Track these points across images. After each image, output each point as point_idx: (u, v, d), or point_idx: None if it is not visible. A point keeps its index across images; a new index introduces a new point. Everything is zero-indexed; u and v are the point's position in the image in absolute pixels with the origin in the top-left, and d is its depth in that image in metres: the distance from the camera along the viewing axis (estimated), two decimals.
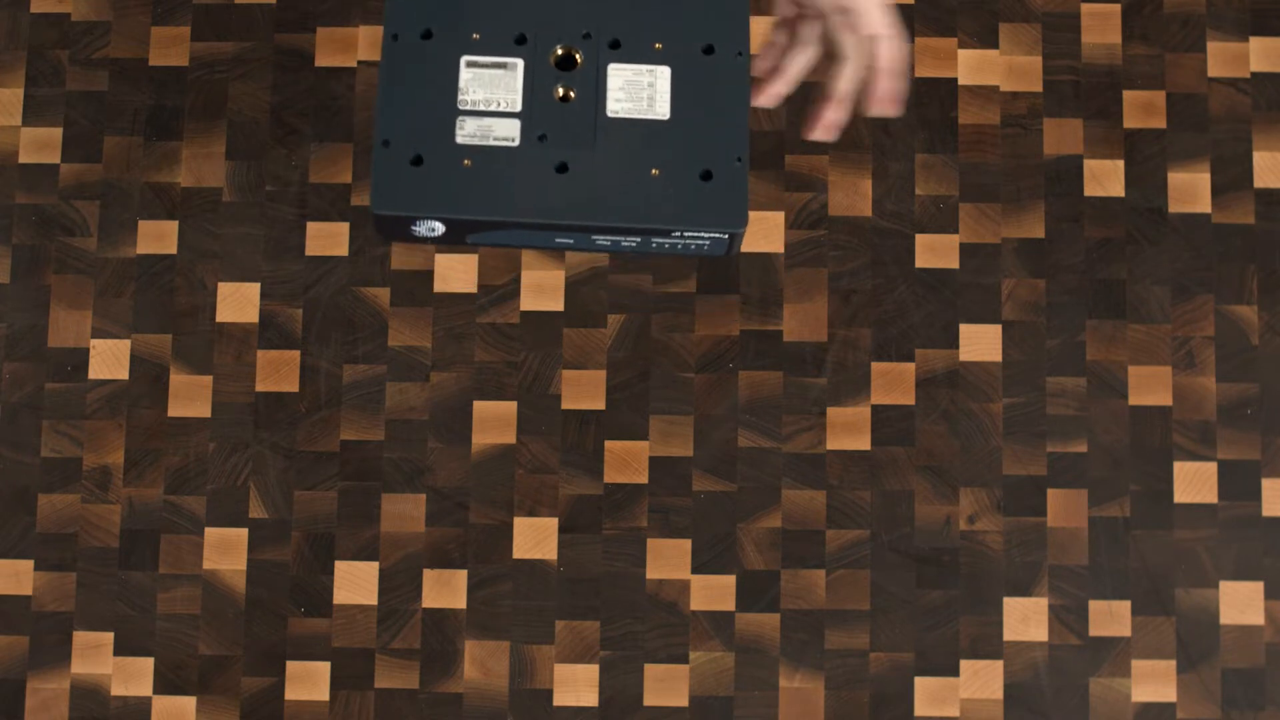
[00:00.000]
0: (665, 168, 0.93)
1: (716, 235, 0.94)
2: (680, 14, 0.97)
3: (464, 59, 0.95)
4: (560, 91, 0.95)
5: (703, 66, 0.96)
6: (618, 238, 0.94)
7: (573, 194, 0.93)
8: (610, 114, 0.95)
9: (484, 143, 0.94)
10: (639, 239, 0.95)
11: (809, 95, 1.32)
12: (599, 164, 0.93)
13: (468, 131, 0.94)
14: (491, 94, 0.95)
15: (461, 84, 0.95)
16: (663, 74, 0.96)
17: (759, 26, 1.33)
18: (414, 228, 0.94)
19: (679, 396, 1.28)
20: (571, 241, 0.96)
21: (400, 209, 0.92)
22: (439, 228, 0.95)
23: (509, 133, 0.94)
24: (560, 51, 0.95)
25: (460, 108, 0.94)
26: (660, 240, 0.94)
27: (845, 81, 0.92)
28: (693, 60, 0.96)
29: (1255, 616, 1.26)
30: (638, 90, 0.96)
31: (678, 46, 0.96)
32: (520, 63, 0.95)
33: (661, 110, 0.95)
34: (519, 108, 0.95)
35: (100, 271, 1.30)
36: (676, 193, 0.93)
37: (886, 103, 0.92)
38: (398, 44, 0.95)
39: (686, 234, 0.94)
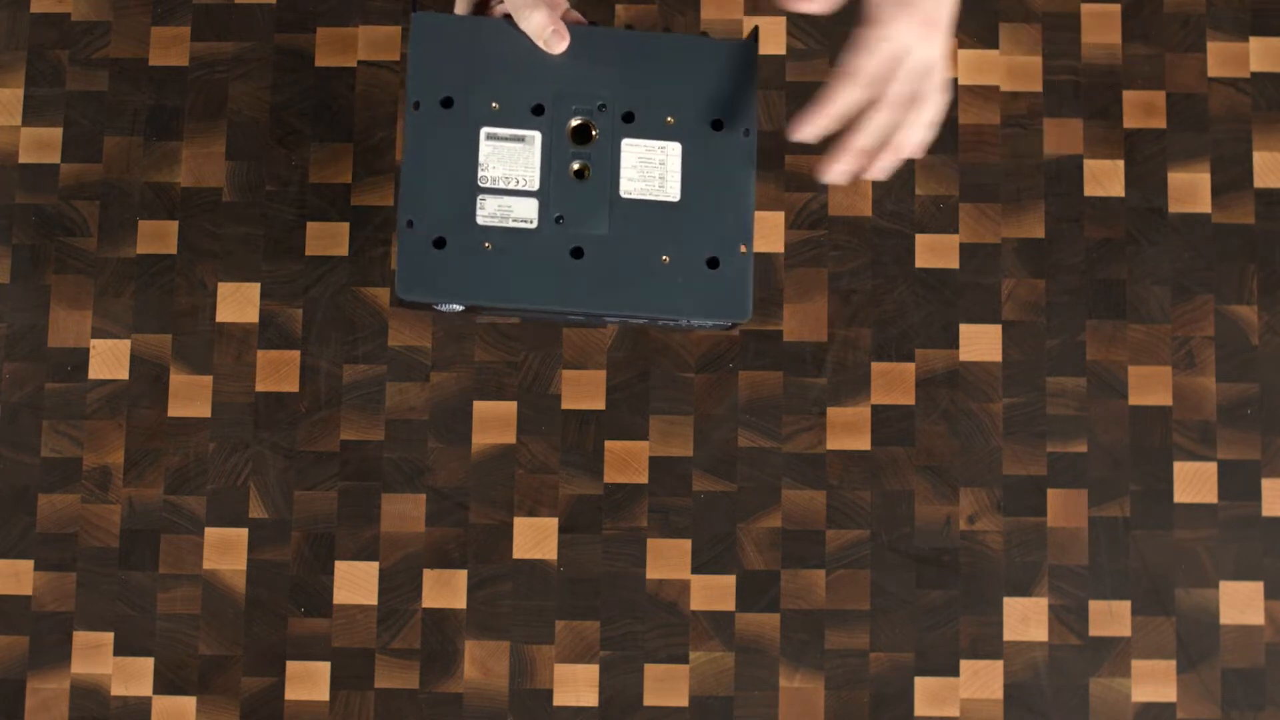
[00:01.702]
0: (675, 254, 0.97)
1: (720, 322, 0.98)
2: (691, 88, 0.99)
3: (484, 131, 0.97)
4: (576, 167, 0.98)
5: (712, 143, 0.99)
6: (626, 318, 0.98)
7: (587, 281, 0.97)
8: (624, 194, 0.98)
9: (503, 224, 0.97)
10: (646, 319, 0.99)
11: (807, 94, 1.32)
12: (612, 249, 0.97)
13: (488, 212, 0.97)
14: (510, 170, 0.98)
15: (481, 159, 0.98)
16: (674, 151, 0.99)
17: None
18: (436, 305, 0.98)
19: (679, 396, 1.28)
20: (582, 319, 1.01)
21: (424, 296, 0.96)
22: (459, 305, 0.99)
23: (527, 214, 0.97)
24: (576, 123, 0.98)
25: (480, 185, 0.97)
26: (667, 321, 0.98)
27: (876, 135, 0.92)
28: (702, 136, 0.99)
29: (1255, 616, 1.26)
30: (650, 169, 0.99)
31: (689, 121, 0.99)
32: (538, 135, 0.98)
33: (672, 191, 0.98)
34: (537, 185, 0.98)
35: (100, 271, 1.30)
36: (685, 281, 0.97)
37: (918, 150, 0.93)
38: (419, 113, 0.97)
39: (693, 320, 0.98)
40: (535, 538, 1.27)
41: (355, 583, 1.27)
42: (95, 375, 1.29)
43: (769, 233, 1.30)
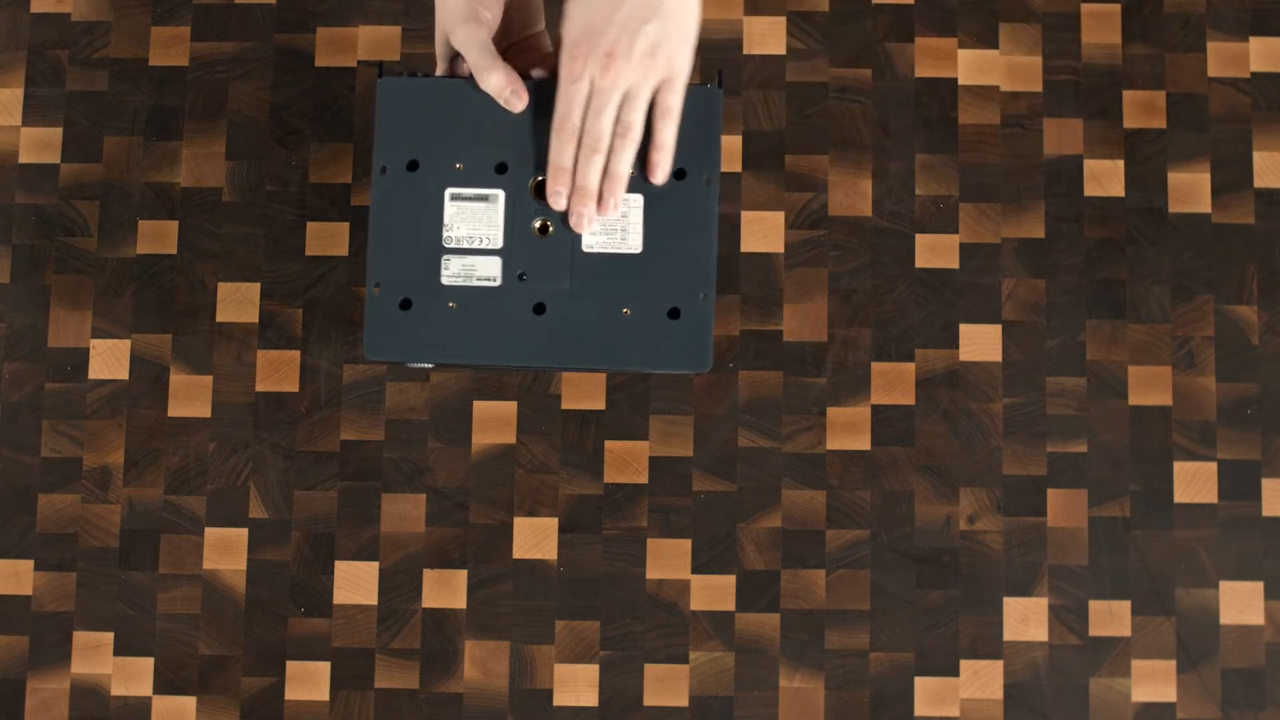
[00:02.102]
0: (636, 306, 0.99)
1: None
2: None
3: (448, 191, 0.99)
4: (538, 224, 0.99)
5: (674, 193, 1.00)
6: (588, 369, 1.00)
7: (550, 336, 0.99)
8: (585, 249, 0.99)
9: (468, 283, 0.99)
10: (608, 370, 1.01)
11: (807, 94, 1.32)
12: (574, 304, 0.99)
13: (453, 272, 0.99)
14: (474, 230, 1.00)
15: (446, 219, 1.00)
16: (635, 203, 1.00)
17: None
18: (406, 364, 1.00)
19: (679, 396, 1.28)
20: (542, 369, 1.03)
21: (391, 357, 0.99)
22: (428, 365, 1.01)
23: (491, 272, 0.99)
24: (538, 180, 0.99)
25: (445, 245, 0.99)
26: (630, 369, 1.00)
27: (594, 172, 0.98)
28: (664, 186, 0.99)
29: (1255, 616, 1.26)
30: (611, 222, 1.00)
31: None
32: (501, 194, 1.00)
33: (634, 243, 0.99)
34: (500, 244, 0.99)
35: (100, 271, 1.30)
36: (646, 333, 0.99)
37: (660, 176, 0.98)
38: (385, 177, 0.99)
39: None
40: (535, 538, 1.27)
41: (355, 583, 1.27)
42: (95, 375, 1.29)
43: (769, 233, 1.30)
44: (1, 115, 1.32)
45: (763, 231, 1.30)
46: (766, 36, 1.32)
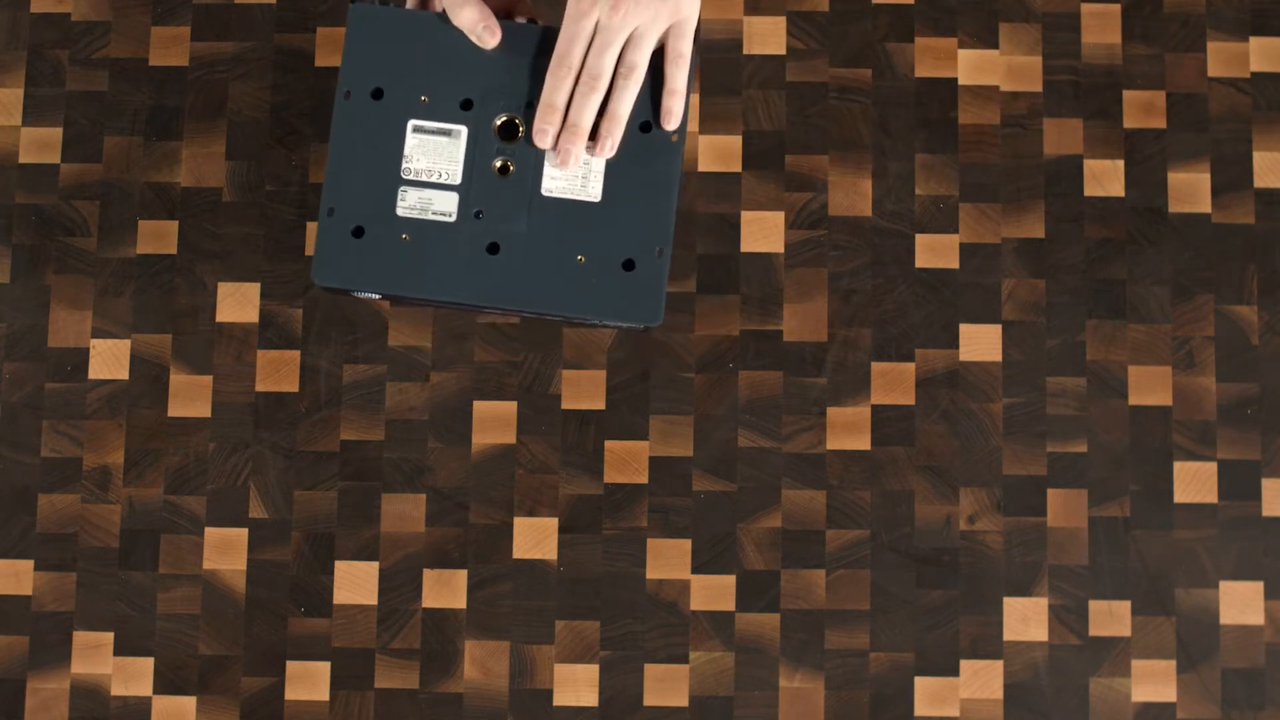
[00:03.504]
0: (590, 254, 0.97)
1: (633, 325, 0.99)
2: None
3: (411, 123, 0.98)
4: (499, 164, 0.98)
5: (639, 144, 0.98)
6: (540, 315, 0.99)
7: (501, 277, 0.97)
8: (544, 192, 0.98)
9: (422, 216, 0.98)
10: (559, 318, 0.99)
11: (807, 94, 1.32)
12: (528, 247, 0.97)
13: (408, 204, 0.98)
14: (434, 164, 0.99)
15: (406, 151, 0.98)
16: None
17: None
18: (353, 291, 0.99)
19: (679, 396, 1.28)
20: (499, 313, 1.01)
21: (338, 282, 0.97)
22: (375, 294, 1.00)
23: (447, 207, 0.98)
24: (503, 120, 0.98)
25: (403, 177, 0.98)
26: (578, 320, 0.99)
27: (589, 111, 0.96)
28: (629, 138, 0.98)
29: (1255, 616, 1.26)
30: (571, 169, 0.98)
31: None
32: (464, 130, 0.98)
33: (594, 191, 0.98)
34: (459, 180, 0.98)
35: (100, 271, 1.30)
36: (598, 283, 0.97)
37: (671, 120, 0.96)
38: (349, 103, 0.98)
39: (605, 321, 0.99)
40: (535, 538, 1.27)
41: (355, 583, 1.27)
42: (95, 375, 1.29)
43: (769, 233, 1.30)
44: (1, 115, 1.32)
45: (763, 231, 1.30)
46: (766, 36, 1.32)
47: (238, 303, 1.30)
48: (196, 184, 1.32)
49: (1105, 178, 1.31)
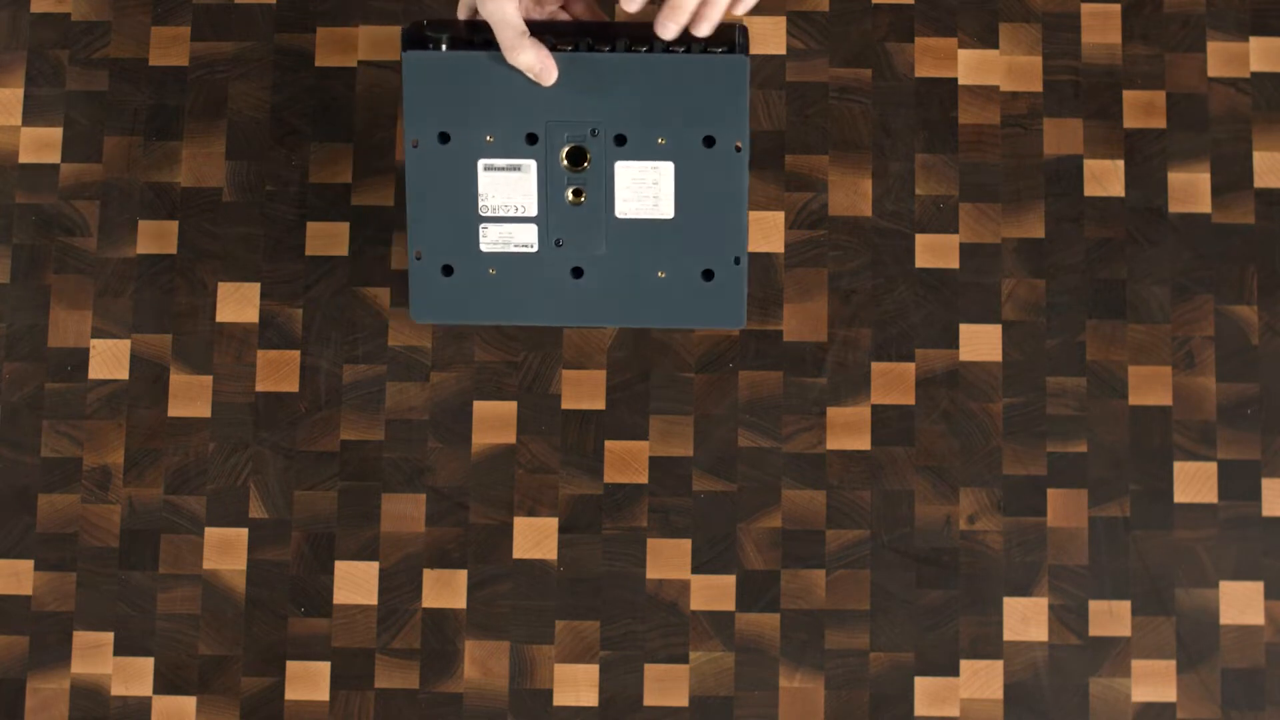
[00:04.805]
0: (670, 269, 1.03)
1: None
2: (682, 105, 1.02)
3: (481, 163, 1.02)
4: (571, 192, 1.02)
5: (704, 160, 1.02)
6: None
7: (587, 297, 1.03)
8: (619, 215, 1.02)
9: (506, 250, 1.03)
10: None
11: (807, 94, 1.32)
12: (610, 267, 1.03)
13: (490, 239, 1.03)
14: (509, 199, 1.03)
15: (481, 189, 1.02)
16: (666, 170, 1.02)
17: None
18: (452, 324, 1.04)
19: (679, 396, 1.28)
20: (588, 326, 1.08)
21: (437, 319, 1.04)
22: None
23: (528, 239, 1.03)
24: (569, 148, 1.01)
25: (482, 214, 1.02)
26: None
27: None
28: (694, 153, 1.02)
29: (1255, 616, 1.26)
30: (643, 189, 1.02)
31: (680, 139, 1.02)
32: (533, 163, 1.02)
33: (665, 209, 1.02)
34: (535, 212, 1.02)
35: (100, 271, 1.30)
36: (681, 294, 1.03)
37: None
38: (418, 150, 1.02)
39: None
40: (535, 538, 1.27)
41: (355, 583, 1.27)
42: (95, 375, 1.29)
43: (769, 233, 1.30)
44: (1, 115, 1.32)
45: (763, 231, 1.30)
46: (766, 36, 1.32)
47: (238, 303, 1.30)
48: (196, 184, 1.32)
49: (1105, 178, 1.31)
